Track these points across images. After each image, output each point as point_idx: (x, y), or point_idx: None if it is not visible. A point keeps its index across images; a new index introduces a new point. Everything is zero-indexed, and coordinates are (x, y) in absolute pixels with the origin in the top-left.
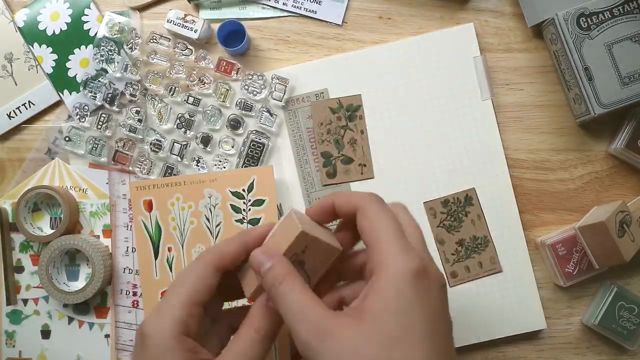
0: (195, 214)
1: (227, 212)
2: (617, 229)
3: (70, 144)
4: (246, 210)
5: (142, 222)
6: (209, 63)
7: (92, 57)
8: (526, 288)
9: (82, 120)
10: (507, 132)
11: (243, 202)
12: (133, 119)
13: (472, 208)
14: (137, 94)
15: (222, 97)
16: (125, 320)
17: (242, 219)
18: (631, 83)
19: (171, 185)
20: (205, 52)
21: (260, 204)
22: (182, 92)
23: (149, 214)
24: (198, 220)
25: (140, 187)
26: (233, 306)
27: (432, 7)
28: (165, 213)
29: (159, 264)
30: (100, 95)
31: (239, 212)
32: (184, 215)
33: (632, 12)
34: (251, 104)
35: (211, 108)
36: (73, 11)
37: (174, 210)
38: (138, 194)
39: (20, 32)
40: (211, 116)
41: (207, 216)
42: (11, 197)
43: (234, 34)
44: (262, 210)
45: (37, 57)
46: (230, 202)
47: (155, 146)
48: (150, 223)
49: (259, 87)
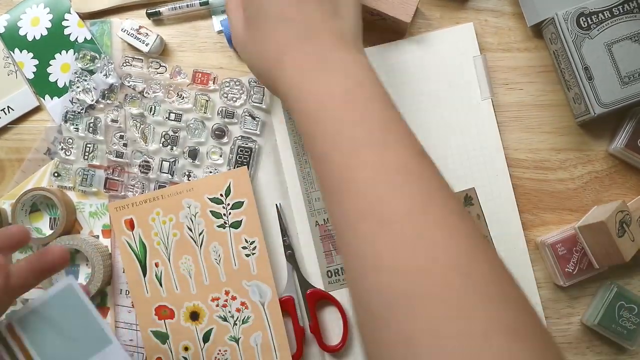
0: (177, 225)
1: (208, 219)
2: (617, 229)
3: (59, 179)
4: (227, 215)
5: (126, 241)
6: (184, 77)
7: (69, 90)
8: (526, 288)
9: (67, 154)
10: (507, 132)
11: (222, 207)
12: (118, 144)
13: (471, 208)
14: (119, 119)
15: (202, 108)
16: (125, 320)
17: (223, 223)
18: (631, 83)
19: (149, 201)
20: (180, 67)
21: (240, 206)
22: (163, 110)
23: (131, 232)
24: (181, 232)
25: (120, 207)
26: None
27: (432, 7)
28: (147, 229)
29: (148, 281)
30: (82, 126)
31: (220, 217)
32: (166, 228)
33: (632, 11)
34: (232, 110)
35: (194, 121)
36: (53, 16)
37: (156, 225)
38: (118, 214)
39: (0, 38)
40: (195, 129)
41: (189, 226)
42: (11, 197)
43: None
44: (242, 212)
45: (18, 63)
46: (209, 208)
47: (145, 167)
48: (134, 242)
49: (238, 92)
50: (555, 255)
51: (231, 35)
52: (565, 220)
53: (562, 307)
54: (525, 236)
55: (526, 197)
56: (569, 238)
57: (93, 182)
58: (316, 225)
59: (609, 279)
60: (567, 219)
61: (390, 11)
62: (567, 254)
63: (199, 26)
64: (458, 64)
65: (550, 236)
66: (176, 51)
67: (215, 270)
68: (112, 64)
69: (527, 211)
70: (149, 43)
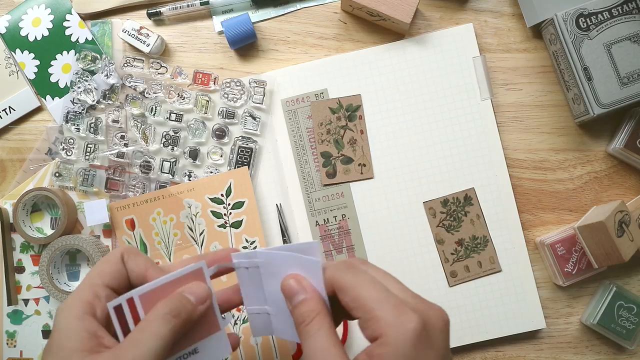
0: (178, 225)
1: (208, 219)
2: (616, 229)
3: (60, 179)
4: (227, 215)
5: (127, 241)
6: (185, 78)
7: (71, 90)
8: (525, 288)
9: (69, 154)
10: (507, 132)
11: (223, 207)
12: (119, 145)
13: (471, 208)
14: (120, 119)
15: (203, 109)
16: None
17: (224, 223)
18: (630, 83)
19: (150, 201)
20: (181, 68)
21: (240, 206)
22: (164, 110)
23: (132, 232)
24: (182, 232)
25: (121, 207)
26: None
27: (432, 7)
28: (148, 229)
29: None
30: (83, 126)
31: (220, 217)
32: (167, 228)
33: (631, 12)
34: (233, 111)
35: (194, 121)
36: (54, 17)
37: (157, 225)
38: (119, 214)
39: (2, 39)
40: (195, 130)
41: (189, 226)
42: (12, 197)
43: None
44: (242, 212)
45: (20, 63)
46: (210, 208)
47: (145, 167)
48: (134, 241)
49: (238, 93)
50: (554, 255)
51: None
52: (564, 220)
53: (561, 307)
54: (524, 236)
55: (525, 197)
56: (568, 238)
57: (94, 182)
58: (316, 225)
59: (608, 278)
60: (567, 219)
61: (390, 12)
62: (566, 254)
63: (199, 27)
64: (458, 65)
65: (550, 236)
66: (177, 51)
67: None
68: (113, 65)
69: (527, 211)
70: (150, 43)
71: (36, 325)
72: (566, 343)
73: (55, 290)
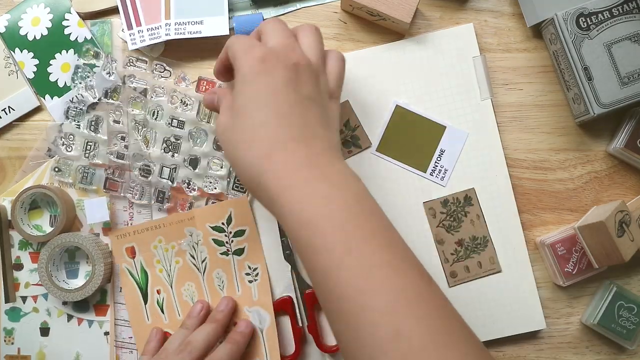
0: (180, 253)
1: (210, 246)
2: (617, 229)
3: (60, 174)
4: (229, 242)
5: (127, 269)
6: (188, 84)
7: (72, 85)
8: (525, 288)
9: (68, 150)
10: (507, 132)
11: (224, 234)
12: (119, 146)
13: (471, 208)
14: (120, 119)
15: (206, 117)
16: (125, 317)
17: (226, 251)
18: (630, 83)
19: (151, 229)
20: (185, 74)
21: (242, 234)
22: (166, 115)
23: (132, 260)
24: (183, 259)
25: (121, 235)
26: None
27: (432, 7)
28: (149, 257)
29: (149, 307)
30: (83, 123)
31: (222, 245)
32: (169, 256)
33: (631, 12)
34: None
35: (196, 129)
36: (54, 16)
37: (158, 252)
38: (119, 242)
39: (1, 38)
40: (197, 138)
41: (191, 254)
42: (10, 194)
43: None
44: (244, 239)
45: (19, 63)
46: (212, 236)
47: (145, 172)
48: (135, 269)
49: None
50: (554, 255)
51: (217, 123)
52: (564, 220)
53: (561, 307)
54: (524, 236)
55: (526, 197)
56: (569, 238)
57: (93, 180)
58: None
59: (609, 278)
60: (567, 219)
61: (390, 11)
62: (566, 254)
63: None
64: (458, 64)
65: (550, 236)
66: (177, 52)
67: (218, 296)
68: (115, 62)
69: (527, 211)
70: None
71: (34, 322)
72: (566, 343)
73: (54, 288)
